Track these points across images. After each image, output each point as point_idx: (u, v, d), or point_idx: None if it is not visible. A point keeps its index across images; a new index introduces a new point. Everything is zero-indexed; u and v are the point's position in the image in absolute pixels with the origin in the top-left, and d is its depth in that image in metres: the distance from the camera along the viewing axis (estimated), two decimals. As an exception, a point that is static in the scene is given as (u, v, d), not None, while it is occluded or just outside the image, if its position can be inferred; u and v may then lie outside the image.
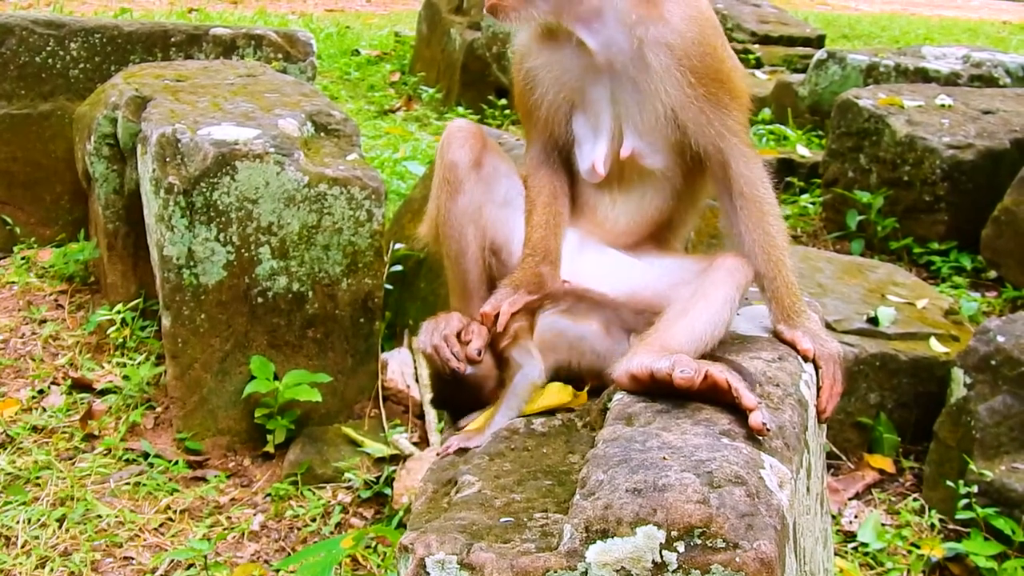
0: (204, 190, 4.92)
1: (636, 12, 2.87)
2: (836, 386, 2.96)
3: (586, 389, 2.94)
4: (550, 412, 2.88)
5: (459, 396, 2.98)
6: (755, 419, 2.39)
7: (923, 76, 9.23)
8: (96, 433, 5.22)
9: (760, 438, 2.40)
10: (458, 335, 2.92)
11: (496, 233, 3.11)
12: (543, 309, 3.01)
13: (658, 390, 2.57)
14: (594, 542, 2.11)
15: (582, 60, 2.99)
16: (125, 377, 5.49)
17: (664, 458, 2.25)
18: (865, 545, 4.71)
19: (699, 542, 2.07)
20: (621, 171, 3.07)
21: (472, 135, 3.09)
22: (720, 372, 2.48)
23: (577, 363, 2.97)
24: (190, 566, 4.45)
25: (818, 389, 2.94)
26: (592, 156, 3.05)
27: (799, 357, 2.89)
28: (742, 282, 2.88)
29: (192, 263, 4.98)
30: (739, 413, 2.45)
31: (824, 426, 3.13)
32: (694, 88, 2.89)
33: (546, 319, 2.97)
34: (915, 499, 5.04)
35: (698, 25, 2.91)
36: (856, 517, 4.92)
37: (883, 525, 4.84)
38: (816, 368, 2.96)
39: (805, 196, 8.25)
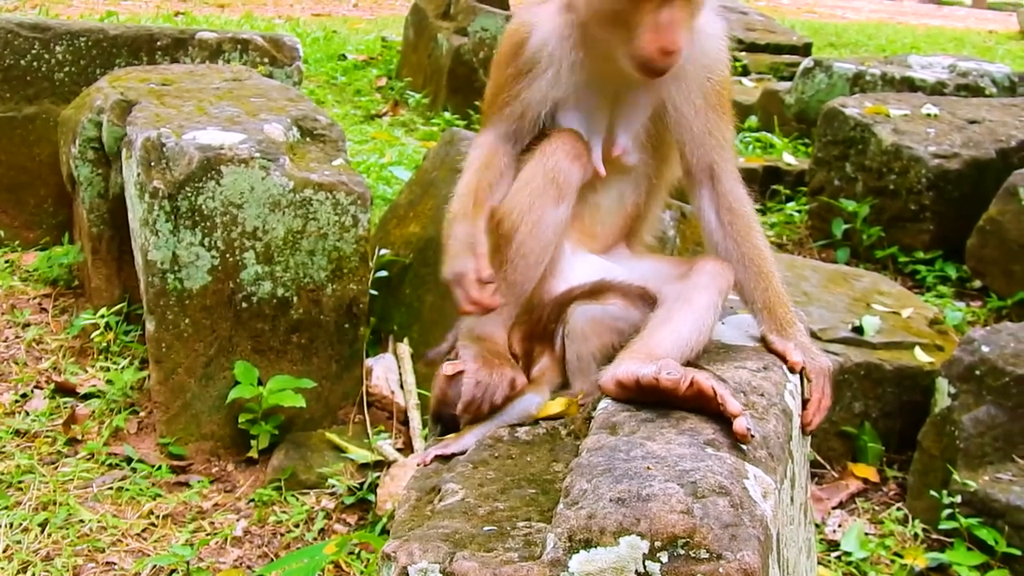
0: (189, 195, 4.91)
1: None
2: (824, 400, 2.96)
3: (579, 399, 2.92)
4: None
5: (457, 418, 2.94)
6: (739, 425, 2.38)
7: (909, 85, 9.27)
8: (79, 437, 5.21)
9: (744, 448, 2.40)
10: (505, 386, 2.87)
11: (562, 255, 3.05)
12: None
13: (644, 397, 2.56)
14: (577, 552, 2.10)
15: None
16: (109, 381, 5.48)
17: (648, 468, 2.24)
18: (848, 554, 4.71)
19: (682, 552, 2.06)
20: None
21: (584, 153, 2.97)
22: (706, 379, 2.48)
23: (618, 343, 2.90)
24: (172, 572, 4.44)
25: (805, 402, 2.94)
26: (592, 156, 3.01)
27: (784, 367, 2.88)
28: (724, 287, 2.88)
29: (176, 268, 4.97)
30: (724, 423, 2.44)
31: (808, 436, 3.13)
32: (707, 99, 2.96)
33: (577, 309, 2.93)
34: (899, 508, 5.05)
35: (725, 38, 3.03)
36: (840, 526, 4.92)
37: (867, 534, 4.84)
38: (804, 381, 2.97)
39: (791, 204, 8.27)
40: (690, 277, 2.87)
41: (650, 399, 2.55)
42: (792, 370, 2.91)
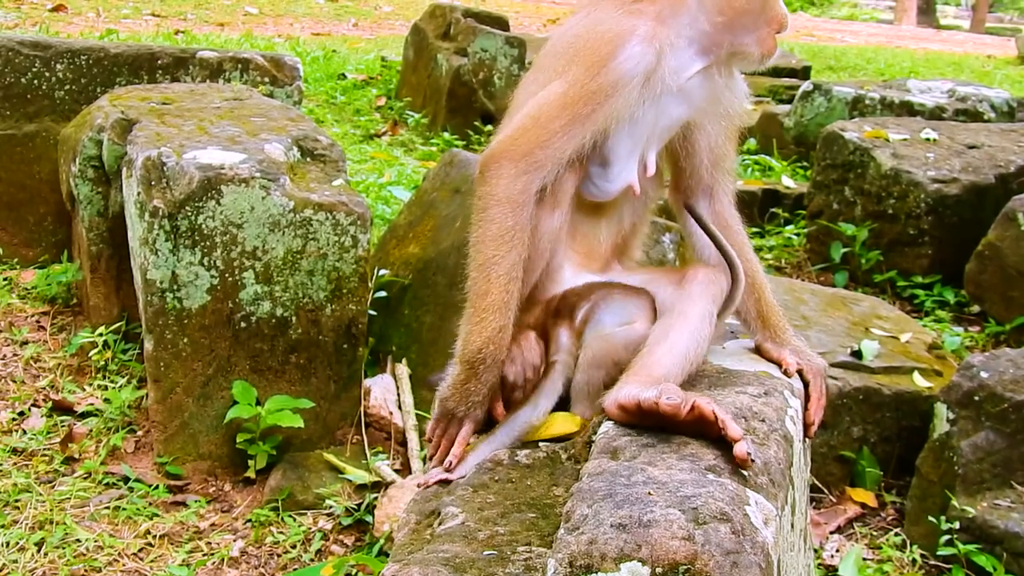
0: (189, 214, 4.91)
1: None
2: (822, 399, 3.09)
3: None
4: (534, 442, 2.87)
5: None
6: (740, 449, 2.39)
7: (908, 109, 9.29)
8: (76, 456, 5.19)
9: (745, 474, 2.40)
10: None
11: (556, 260, 3.06)
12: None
13: (645, 420, 2.56)
14: (578, 577, 2.10)
15: (679, 75, 2.95)
16: (106, 400, 5.46)
17: (649, 493, 2.24)
18: (847, 579, 4.71)
19: (684, 579, 2.06)
20: None
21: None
22: (707, 403, 2.49)
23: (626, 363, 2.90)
24: (168, 592, 4.43)
25: (806, 402, 3.03)
26: (627, 176, 3.01)
27: (785, 393, 2.89)
28: (717, 294, 2.95)
29: (176, 287, 4.96)
30: (725, 448, 2.45)
31: (808, 460, 3.14)
32: (729, 128, 3.14)
33: (593, 330, 2.93)
34: (897, 534, 5.04)
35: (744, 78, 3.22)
36: (838, 551, 4.91)
37: (864, 560, 4.83)
38: (805, 383, 3.08)
39: (790, 227, 8.27)
40: (683, 287, 2.94)
41: (652, 423, 2.56)
42: (787, 374, 2.99)
